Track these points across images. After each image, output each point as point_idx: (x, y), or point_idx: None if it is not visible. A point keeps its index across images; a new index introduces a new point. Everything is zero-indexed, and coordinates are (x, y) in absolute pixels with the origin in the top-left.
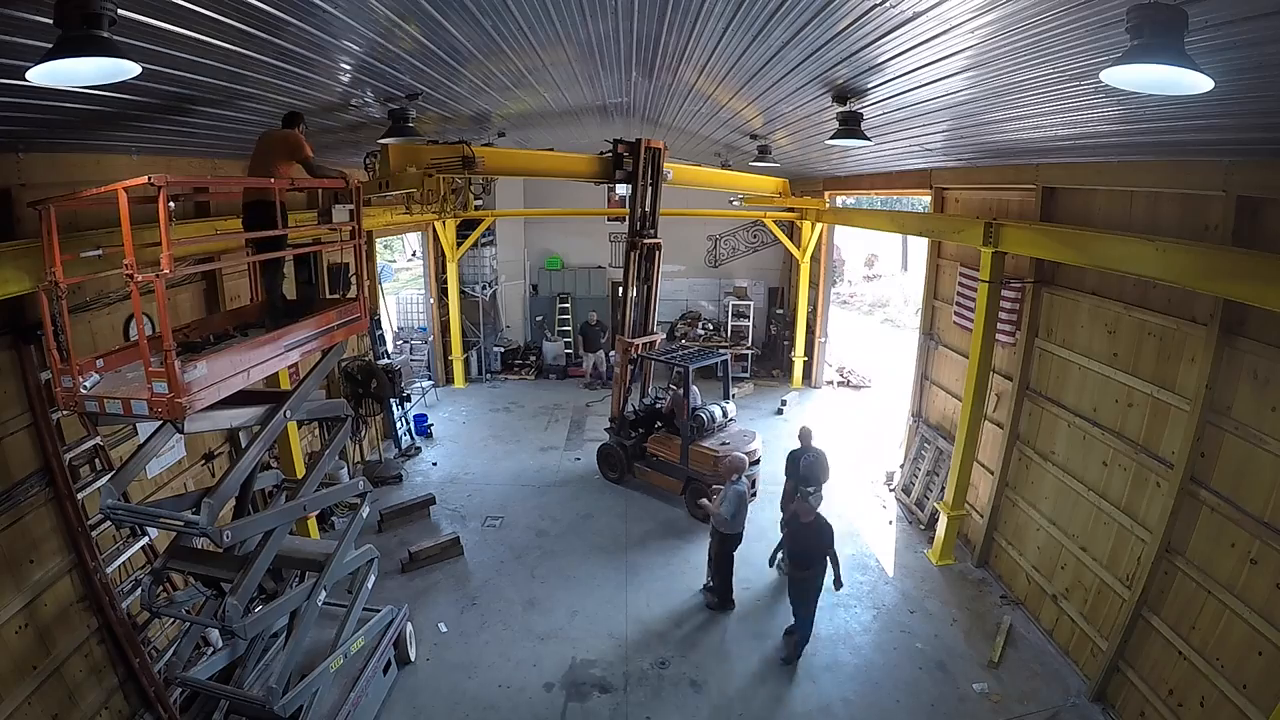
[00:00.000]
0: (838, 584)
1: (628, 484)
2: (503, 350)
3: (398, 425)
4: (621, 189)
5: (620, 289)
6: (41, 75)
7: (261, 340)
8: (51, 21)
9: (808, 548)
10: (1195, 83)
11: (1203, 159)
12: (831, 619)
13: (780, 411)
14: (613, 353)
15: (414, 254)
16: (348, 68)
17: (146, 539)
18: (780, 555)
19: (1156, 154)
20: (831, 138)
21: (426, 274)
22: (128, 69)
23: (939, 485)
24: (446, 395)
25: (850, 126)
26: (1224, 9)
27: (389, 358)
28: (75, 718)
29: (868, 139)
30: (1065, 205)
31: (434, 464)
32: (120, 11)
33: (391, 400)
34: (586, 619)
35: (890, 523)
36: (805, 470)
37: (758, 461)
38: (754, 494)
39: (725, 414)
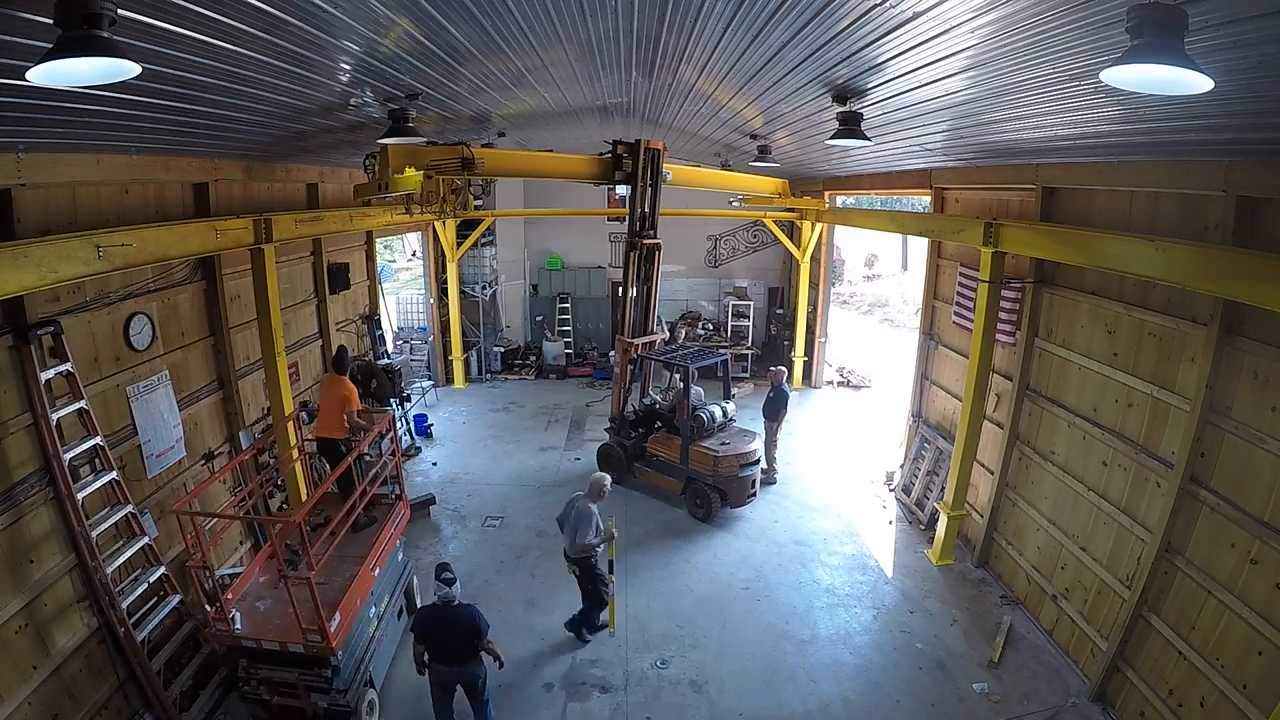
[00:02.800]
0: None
1: (628, 484)
2: (503, 350)
3: (397, 425)
4: (621, 189)
5: (620, 289)
6: (41, 75)
7: (363, 573)
8: (51, 21)
9: (458, 640)
10: (1195, 83)
11: (1203, 159)
12: (832, 619)
13: None
14: (611, 353)
15: (414, 254)
16: (348, 67)
17: (146, 538)
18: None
19: (1156, 154)
20: (831, 138)
21: (426, 274)
22: (128, 69)
23: (939, 485)
24: (446, 395)
25: (850, 126)
26: (1224, 9)
27: (389, 358)
28: (75, 718)
29: (868, 139)
30: (1065, 205)
31: (434, 464)
32: (120, 11)
33: (391, 400)
34: None
35: (890, 523)
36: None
37: (757, 461)
38: (754, 493)
39: (725, 414)
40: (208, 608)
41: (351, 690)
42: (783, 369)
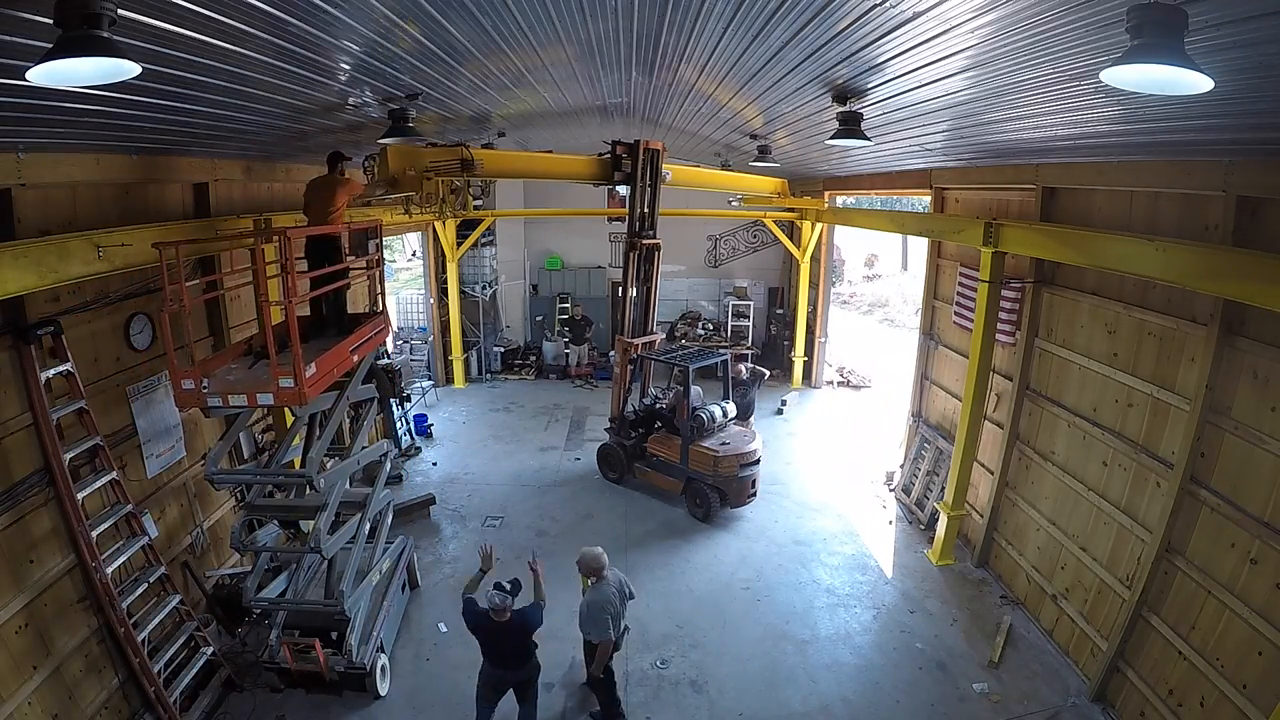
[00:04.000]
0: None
1: (628, 484)
2: (503, 350)
3: (397, 425)
4: (621, 189)
5: (620, 289)
6: (41, 75)
7: (341, 348)
8: (51, 21)
9: (511, 647)
10: (1195, 83)
11: (1203, 159)
12: (832, 619)
13: (780, 411)
14: (611, 353)
15: (414, 254)
16: (348, 67)
17: (146, 538)
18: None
19: (1156, 154)
20: (831, 138)
21: (426, 274)
22: (128, 69)
23: (939, 485)
24: (446, 395)
25: (850, 126)
26: (1224, 9)
27: (389, 358)
28: (75, 718)
29: (868, 139)
30: (1065, 205)
31: (434, 464)
32: (120, 11)
33: (391, 400)
34: None
35: (890, 523)
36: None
37: (757, 461)
38: (754, 493)
39: (725, 414)
40: (175, 366)
41: (365, 653)
42: None
